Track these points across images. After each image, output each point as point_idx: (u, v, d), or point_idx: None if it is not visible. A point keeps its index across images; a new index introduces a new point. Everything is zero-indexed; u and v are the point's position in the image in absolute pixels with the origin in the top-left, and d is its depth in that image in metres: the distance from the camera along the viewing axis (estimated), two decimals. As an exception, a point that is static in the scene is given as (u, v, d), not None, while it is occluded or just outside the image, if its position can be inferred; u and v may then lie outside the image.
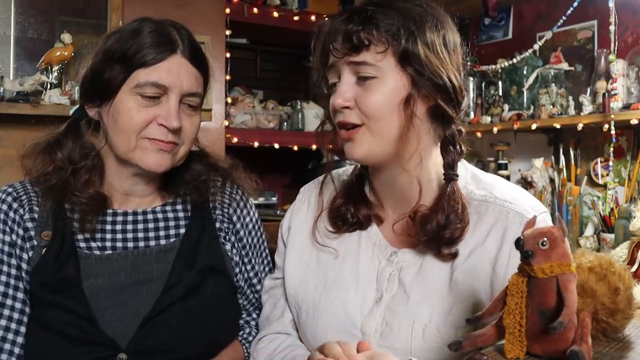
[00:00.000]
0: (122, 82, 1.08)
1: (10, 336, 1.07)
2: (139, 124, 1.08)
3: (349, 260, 1.07)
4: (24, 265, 1.10)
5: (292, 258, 1.13)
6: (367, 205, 1.08)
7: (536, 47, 2.48)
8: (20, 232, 1.11)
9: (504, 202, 1.00)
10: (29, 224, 1.12)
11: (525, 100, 2.57)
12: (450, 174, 1.00)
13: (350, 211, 1.07)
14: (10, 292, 1.08)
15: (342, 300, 1.04)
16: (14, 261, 1.10)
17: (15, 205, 1.13)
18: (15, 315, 1.08)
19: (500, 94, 2.66)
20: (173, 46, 1.09)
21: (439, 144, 1.02)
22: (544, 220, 0.99)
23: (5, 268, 1.09)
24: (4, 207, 1.12)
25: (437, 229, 0.97)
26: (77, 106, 1.18)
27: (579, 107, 2.31)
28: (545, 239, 0.66)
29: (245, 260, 1.24)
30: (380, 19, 0.95)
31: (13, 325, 1.08)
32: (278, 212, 2.98)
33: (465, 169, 1.07)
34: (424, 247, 1.01)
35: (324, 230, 1.10)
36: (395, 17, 0.96)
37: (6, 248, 1.10)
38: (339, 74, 0.99)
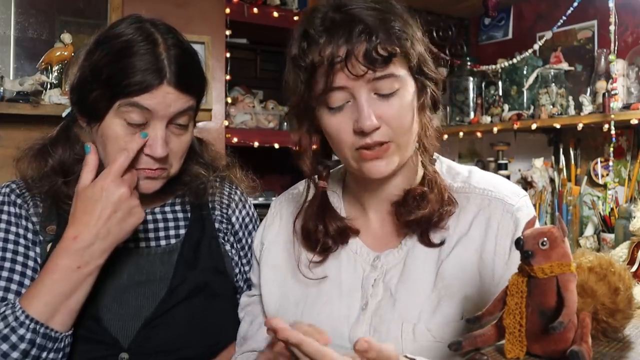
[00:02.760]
0: (107, 109, 1.04)
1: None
2: None
3: (330, 271, 1.04)
4: (30, 263, 1.09)
5: (267, 275, 1.11)
6: (339, 220, 1.04)
7: (536, 47, 2.48)
8: (30, 226, 1.11)
9: (484, 191, 1.00)
10: (34, 219, 1.12)
11: (525, 100, 2.57)
12: (432, 159, 1.02)
13: (328, 234, 1.03)
14: (14, 287, 1.07)
15: (327, 313, 1.01)
16: (31, 253, 1.09)
17: (19, 201, 1.12)
18: None
19: (500, 94, 2.66)
20: (160, 75, 1.02)
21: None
22: (526, 204, 1.00)
23: (20, 259, 1.08)
24: (9, 203, 1.12)
25: (431, 209, 0.97)
26: (69, 110, 1.16)
27: (579, 107, 2.31)
28: (545, 239, 0.66)
29: (244, 261, 1.24)
30: (394, 26, 0.92)
31: None
32: (278, 212, 2.97)
33: (441, 163, 1.07)
34: (408, 236, 1.00)
35: (306, 262, 1.05)
36: (396, 19, 0.93)
37: (22, 240, 1.09)
38: (350, 95, 0.92)
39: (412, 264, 0.99)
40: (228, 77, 2.74)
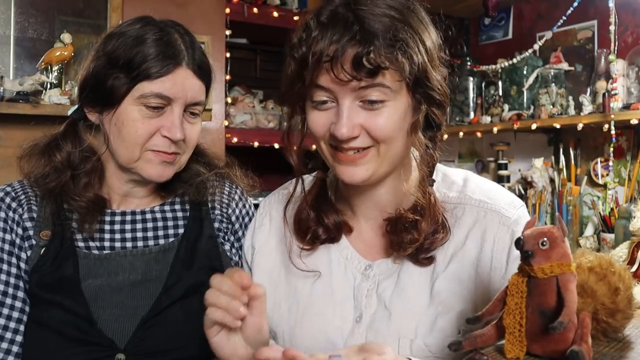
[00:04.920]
0: (126, 92, 1.07)
1: (8, 335, 1.07)
2: (143, 136, 1.08)
3: (321, 278, 1.02)
4: (22, 265, 1.10)
5: (260, 280, 1.06)
6: (336, 213, 1.01)
7: (536, 47, 2.48)
8: (20, 231, 1.11)
9: (480, 202, 0.97)
10: (28, 224, 1.12)
11: (525, 100, 2.57)
12: (430, 180, 0.97)
13: (321, 224, 1.01)
14: (11, 290, 1.08)
15: (320, 324, 0.99)
16: (14, 260, 1.10)
17: (14, 204, 1.13)
18: (15, 314, 1.08)
19: (500, 94, 2.66)
20: (178, 58, 1.08)
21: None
22: (523, 215, 0.97)
23: (5, 267, 1.09)
24: (3, 206, 1.12)
25: (423, 237, 0.93)
26: (75, 107, 1.17)
27: (579, 107, 2.31)
28: (545, 239, 0.66)
29: (243, 260, 1.24)
30: (397, 35, 0.85)
31: (12, 324, 1.08)
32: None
33: (436, 171, 1.02)
34: (399, 255, 0.97)
35: (296, 250, 1.03)
36: (406, 29, 0.86)
37: (7, 247, 1.10)
38: (334, 96, 0.89)
39: (406, 277, 0.96)
40: (228, 77, 2.74)
